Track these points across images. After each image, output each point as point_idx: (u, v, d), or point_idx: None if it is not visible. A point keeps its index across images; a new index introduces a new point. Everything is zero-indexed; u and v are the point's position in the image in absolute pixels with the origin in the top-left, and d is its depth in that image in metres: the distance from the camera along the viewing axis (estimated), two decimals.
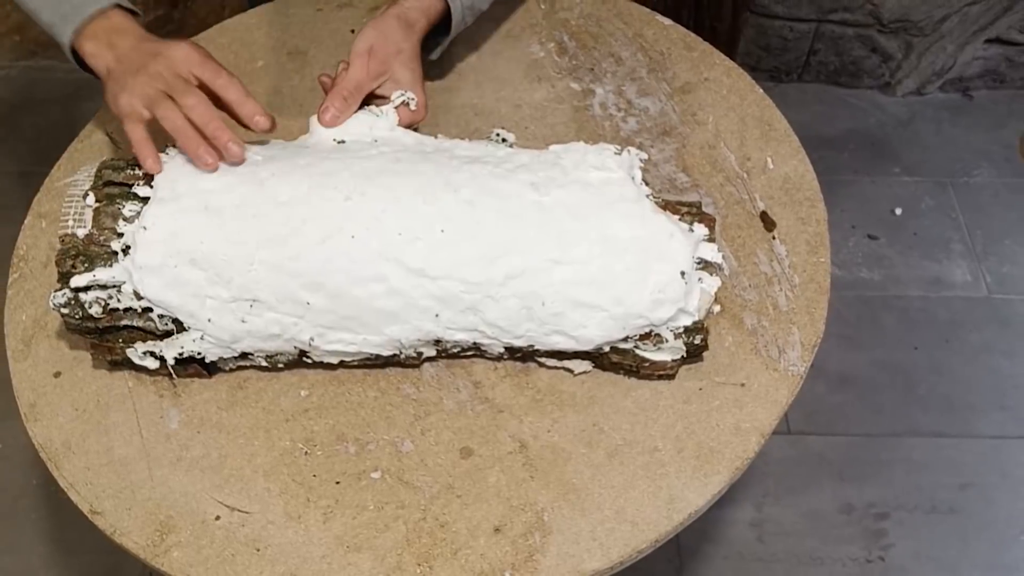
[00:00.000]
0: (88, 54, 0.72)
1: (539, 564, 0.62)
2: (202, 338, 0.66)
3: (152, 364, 0.68)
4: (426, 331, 0.66)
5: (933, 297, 1.56)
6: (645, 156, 0.73)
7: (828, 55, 1.78)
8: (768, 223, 0.79)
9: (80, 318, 0.66)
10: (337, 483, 0.66)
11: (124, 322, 0.67)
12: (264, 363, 0.70)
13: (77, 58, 0.73)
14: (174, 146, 0.69)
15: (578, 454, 0.67)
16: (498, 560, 0.62)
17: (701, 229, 0.69)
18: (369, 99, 0.75)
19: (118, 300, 0.66)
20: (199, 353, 0.67)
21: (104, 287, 0.65)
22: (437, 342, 0.68)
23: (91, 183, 0.69)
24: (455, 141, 0.74)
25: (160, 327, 0.67)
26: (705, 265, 0.69)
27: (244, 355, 0.69)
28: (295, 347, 0.67)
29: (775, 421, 0.68)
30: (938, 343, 1.51)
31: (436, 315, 0.66)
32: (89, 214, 0.67)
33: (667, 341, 0.67)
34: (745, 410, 0.68)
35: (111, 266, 0.65)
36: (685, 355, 0.68)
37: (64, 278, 0.65)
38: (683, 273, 0.66)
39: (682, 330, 0.67)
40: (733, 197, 0.81)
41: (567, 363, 0.70)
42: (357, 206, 0.65)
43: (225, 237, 0.65)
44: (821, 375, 1.45)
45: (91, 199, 0.68)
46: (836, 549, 1.30)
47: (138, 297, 0.65)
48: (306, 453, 0.67)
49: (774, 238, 0.78)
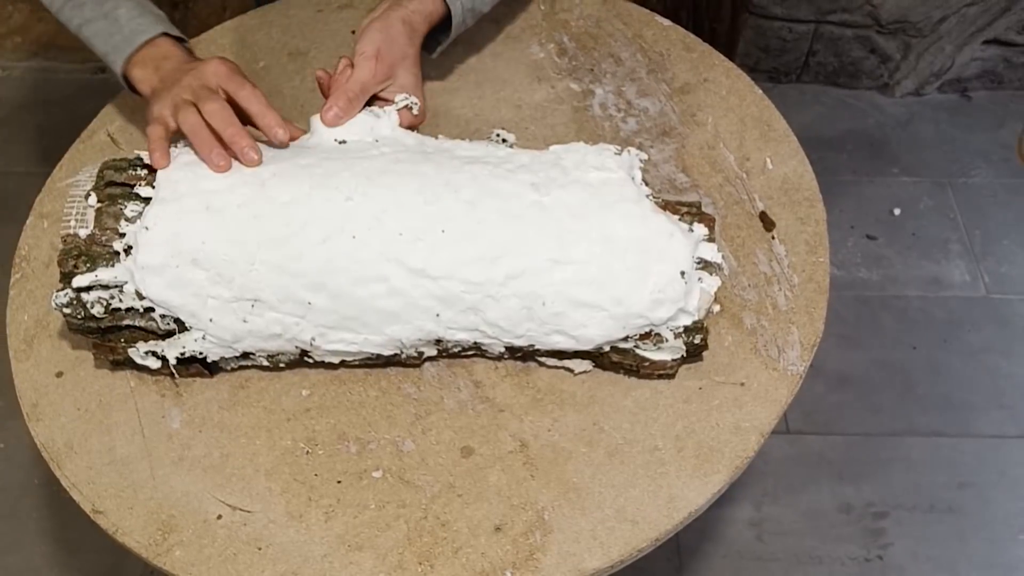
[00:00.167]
0: (136, 80, 0.77)
1: (540, 563, 0.62)
2: (204, 338, 0.67)
3: (154, 364, 0.69)
4: (427, 331, 0.67)
5: (931, 297, 1.56)
6: (645, 156, 0.73)
7: (827, 56, 1.78)
8: (767, 223, 0.79)
9: (82, 318, 0.66)
10: (338, 482, 0.66)
11: (126, 322, 0.67)
12: (266, 363, 0.70)
13: (129, 84, 0.78)
14: (184, 144, 0.70)
15: (578, 453, 0.67)
16: (499, 559, 0.62)
17: (701, 229, 0.70)
18: (371, 100, 0.76)
19: (120, 300, 0.66)
20: (201, 353, 0.67)
21: (106, 287, 0.66)
22: (438, 342, 0.68)
23: (93, 183, 0.69)
24: (456, 141, 0.74)
25: (162, 327, 0.67)
26: (705, 265, 0.69)
27: (246, 355, 0.69)
28: (296, 347, 0.68)
29: (775, 420, 0.68)
30: (936, 343, 1.51)
31: (437, 315, 0.66)
32: (91, 214, 0.68)
33: (667, 341, 0.67)
34: (745, 409, 0.68)
35: (113, 266, 0.65)
36: (685, 355, 0.68)
37: (66, 278, 0.65)
38: (683, 273, 0.66)
39: (682, 330, 0.67)
40: (732, 197, 0.81)
41: (567, 363, 0.70)
42: (358, 206, 0.66)
43: (227, 237, 0.65)
44: (820, 375, 1.46)
45: (93, 199, 0.68)
46: (835, 548, 1.31)
47: (140, 297, 0.65)
48: (307, 452, 0.67)
49: (773, 238, 0.78)
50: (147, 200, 0.67)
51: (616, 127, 0.86)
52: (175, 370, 0.69)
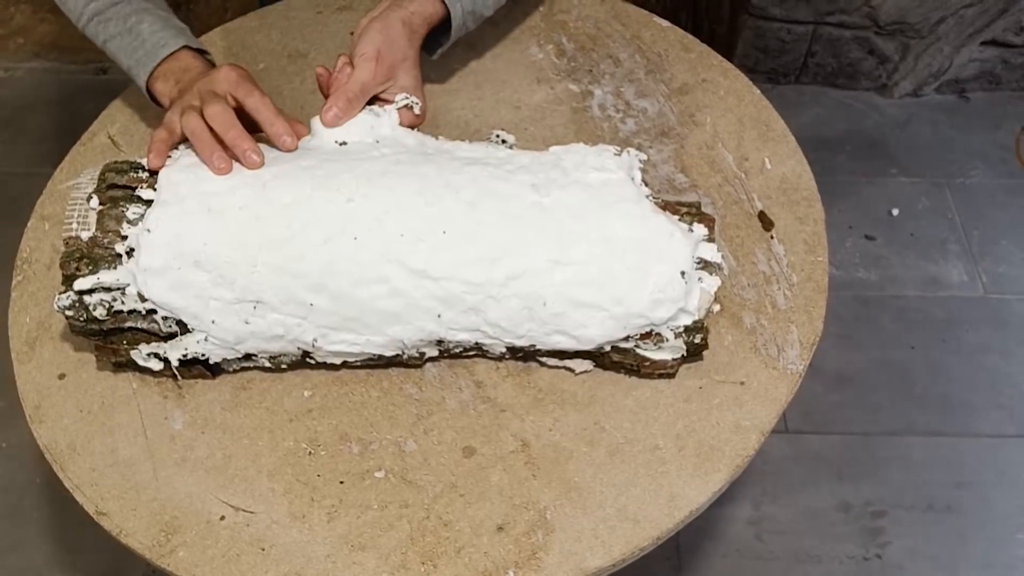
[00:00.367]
0: (158, 93, 0.78)
1: (542, 562, 0.62)
2: (206, 339, 0.67)
3: (156, 366, 0.69)
4: (428, 331, 0.67)
5: (930, 297, 1.57)
6: (644, 157, 0.74)
7: (825, 57, 1.79)
8: (766, 223, 0.79)
9: (84, 320, 0.66)
10: (341, 483, 0.66)
11: (128, 324, 0.67)
12: (268, 364, 0.70)
13: (153, 97, 0.79)
14: (185, 147, 0.70)
15: (580, 453, 0.67)
16: (501, 558, 0.62)
17: (701, 229, 0.70)
18: (371, 101, 0.76)
19: (122, 302, 0.66)
20: (203, 354, 0.68)
21: (108, 289, 0.66)
22: (439, 342, 0.68)
23: (95, 186, 0.69)
24: (456, 143, 0.75)
25: (164, 329, 0.67)
26: (705, 265, 0.70)
27: (248, 356, 0.69)
28: (298, 348, 0.68)
29: (775, 419, 0.68)
30: (935, 343, 1.51)
31: (438, 316, 0.66)
32: (93, 217, 0.68)
33: (667, 340, 0.67)
34: (745, 408, 0.69)
35: (115, 268, 0.66)
36: (685, 354, 0.69)
37: (68, 281, 0.65)
38: (683, 273, 0.66)
39: (682, 329, 0.67)
40: (731, 197, 0.81)
41: (568, 362, 0.71)
42: (359, 208, 0.66)
43: (228, 239, 0.65)
44: (819, 375, 1.46)
45: (95, 202, 0.68)
46: (834, 547, 1.31)
47: (142, 299, 0.66)
48: (310, 453, 0.68)
49: (772, 238, 0.78)
50: (149, 202, 0.68)
51: (615, 128, 0.86)
52: (177, 372, 0.69)
